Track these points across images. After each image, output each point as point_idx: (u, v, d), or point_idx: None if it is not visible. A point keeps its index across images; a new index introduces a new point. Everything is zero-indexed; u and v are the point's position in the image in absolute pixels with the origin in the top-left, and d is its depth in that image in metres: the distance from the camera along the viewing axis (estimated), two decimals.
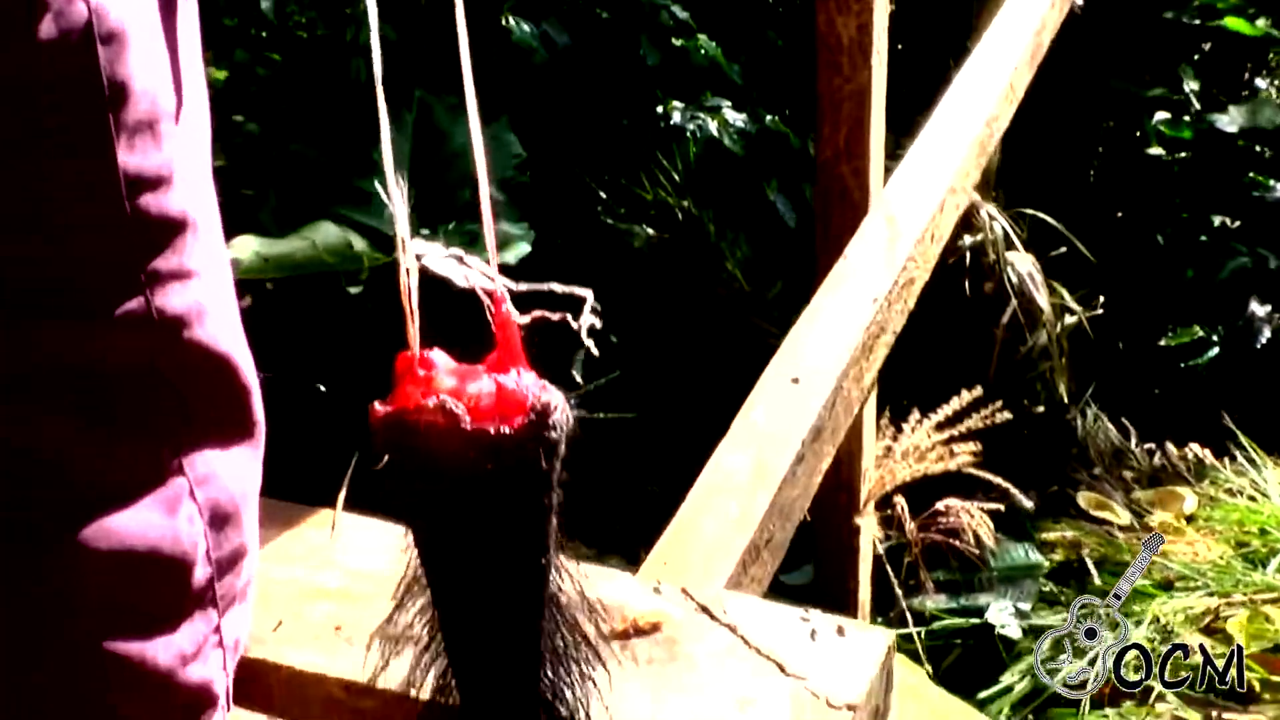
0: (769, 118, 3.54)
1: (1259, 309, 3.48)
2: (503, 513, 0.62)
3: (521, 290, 0.57)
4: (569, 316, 0.54)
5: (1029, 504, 2.71)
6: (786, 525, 1.35)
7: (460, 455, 0.60)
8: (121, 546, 0.73)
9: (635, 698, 0.94)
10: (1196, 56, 3.98)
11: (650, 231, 3.34)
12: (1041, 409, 3.14)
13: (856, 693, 0.94)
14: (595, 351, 0.54)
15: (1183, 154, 3.81)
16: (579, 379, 3.14)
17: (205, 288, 0.75)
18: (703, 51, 3.59)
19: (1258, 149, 3.80)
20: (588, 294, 0.54)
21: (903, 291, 1.72)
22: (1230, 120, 3.79)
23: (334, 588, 1.07)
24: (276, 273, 2.93)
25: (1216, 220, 3.71)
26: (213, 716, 0.83)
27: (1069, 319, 3.25)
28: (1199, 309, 3.49)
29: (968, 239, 3.08)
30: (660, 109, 3.51)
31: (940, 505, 2.28)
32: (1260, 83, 4.05)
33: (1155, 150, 3.82)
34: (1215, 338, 3.43)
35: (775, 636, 0.98)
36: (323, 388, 3.01)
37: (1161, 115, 3.84)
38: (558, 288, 0.53)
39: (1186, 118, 3.82)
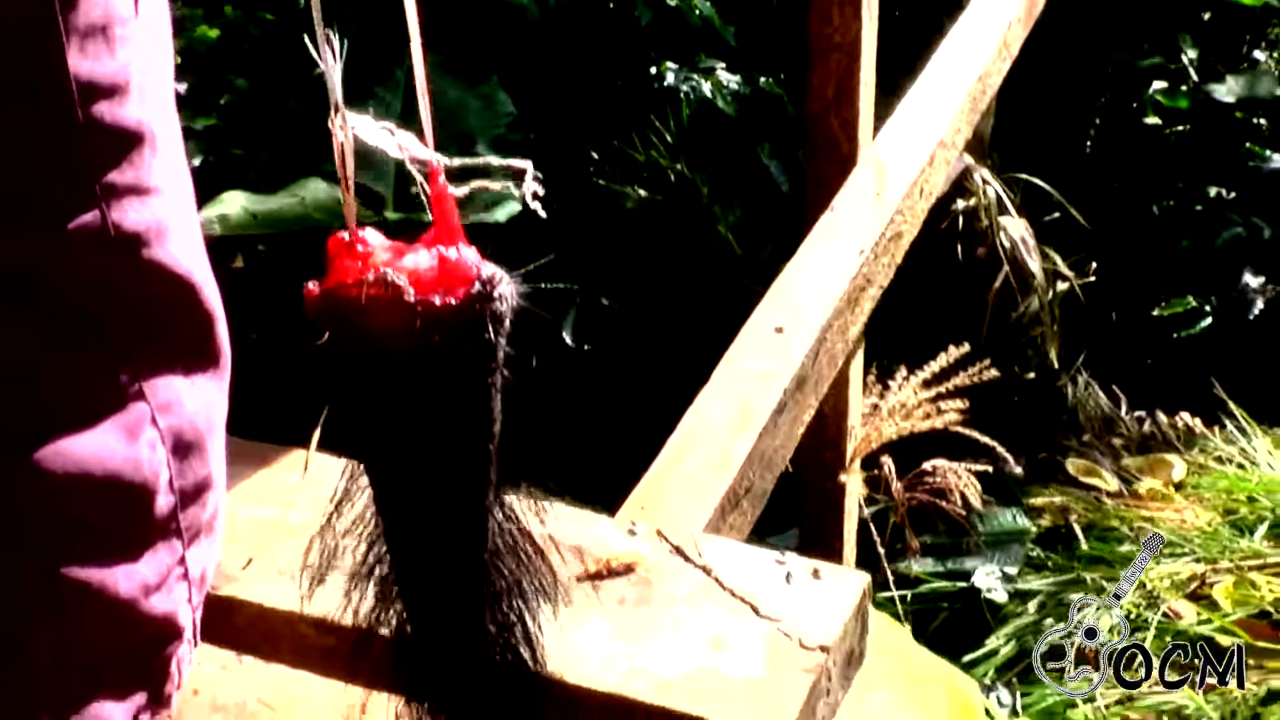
0: (763, 80, 3.51)
1: (1252, 280, 3.47)
2: (449, 392, 0.60)
3: (455, 166, 0.55)
4: (510, 185, 0.53)
5: (1017, 468, 2.70)
6: (767, 475, 1.34)
7: (405, 328, 0.57)
8: (79, 470, 0.72)
9: (607, 637, 0.93)
10: (1196, 26, 3.96)
11: (642, 193, 3.32)
12: (1032, 375, 3.13)
13: (830, 634, 0.93)
14: (543, 214, 0.52)
15: (1180, 124, 3.79)
16: (569, 340, 3.13)
17: (166, 206, 0.73)
18: (697, 12, 3.56)
19: (1255, 120, 3.78)
20: (527, 164, 0.52)
21: (890, 245, 1.70)
22: (1228, 90, 3.77)
23: (305, 526, 1.06)
24: (264, 229, 2.91)
25: (1212, 191, 3.69)
26: (178, 649, 0.82)
27: (1061, 286, 3.24)
28: (1192, 279, 3.48)
29: (961, 203, 3.06)
30: (654, 69, 3.49)
31: (927, 465, 2.27)
32: (1259, 54, 4.03)
33: (1152, 119, 3.80)
34: (1208, 308, 3.42)
35: (750, 578, 0.97)
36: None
37: (1159, 84, 3.82)
38: (495, 160, 0.52)
39: (1184, 87, 3.80)
